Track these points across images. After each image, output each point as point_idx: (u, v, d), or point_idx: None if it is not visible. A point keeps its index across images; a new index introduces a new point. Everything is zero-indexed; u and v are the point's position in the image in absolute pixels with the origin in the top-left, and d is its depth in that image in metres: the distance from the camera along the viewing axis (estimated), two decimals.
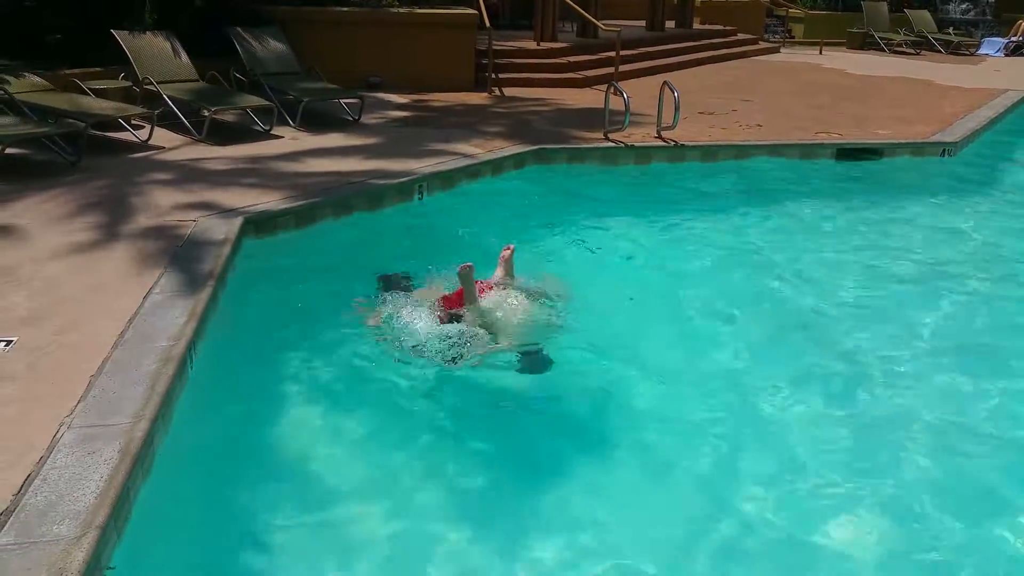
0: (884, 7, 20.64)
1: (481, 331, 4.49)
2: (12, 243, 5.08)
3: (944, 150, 8.98)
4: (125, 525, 2.84)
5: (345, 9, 11.34)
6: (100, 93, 8.25)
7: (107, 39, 8.74)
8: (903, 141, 9.06)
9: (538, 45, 13.04)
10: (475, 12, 11.70)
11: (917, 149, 8.97)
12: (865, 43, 19.86)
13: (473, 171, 7.38)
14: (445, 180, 7.08)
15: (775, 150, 8.68)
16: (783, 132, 9.34)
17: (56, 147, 7.05)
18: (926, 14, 20.78)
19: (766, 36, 20.84)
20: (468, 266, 4.49)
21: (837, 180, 8.35)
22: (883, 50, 19.29)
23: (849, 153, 8.77)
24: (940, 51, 19.24)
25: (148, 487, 3.07)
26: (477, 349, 4.40)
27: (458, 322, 4.48)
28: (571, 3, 13.05)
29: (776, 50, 18.87)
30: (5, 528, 2.63)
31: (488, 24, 11.53)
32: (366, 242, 6.05)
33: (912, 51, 19.25)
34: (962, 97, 12.14)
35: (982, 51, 19.65)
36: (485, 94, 11.23)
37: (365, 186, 6.58)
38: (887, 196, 7.87)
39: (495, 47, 11.68)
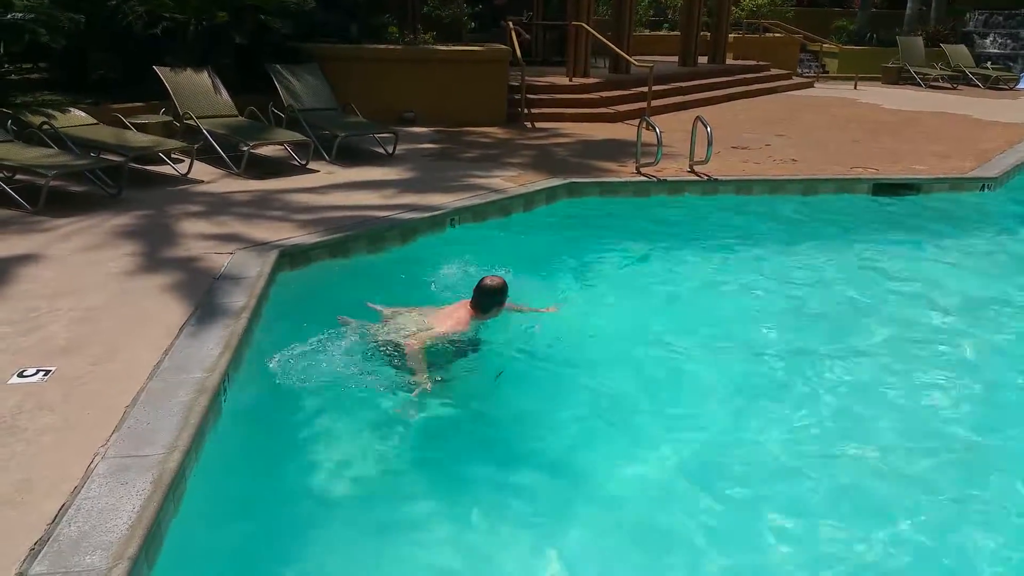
0: (919, 42, 20.53)
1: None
2: (53, 273, 5.18)
3: (984, 185, 8.84)
4: (156, 556, 2.84)
5: (382, 47, 11.56)
6: (141, 127, 8.44)
7: (149, 75, 8.98)
8: (942, 176, 8.94)
9: (570, 81, 13.14)
10: (508, 49, 11.85)
11: (956, 184, 8.84)
12: (900, 78, 19.76)
13: (504, 205, 7.41)
14: (477, 214, 7.12)
15: (810, 185, 8.60)
16: (818, 167, 9.27)
17: (98, 180, 7.21)
18: (963, 48, 20.61)
19: (800, 71, 20.82)
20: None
21: (875, 215, 8.24)
22: (919, 85, 19.16)
23: (887, 188, 8.66)
24: (978, 86, 19.05)
25: (180, 518, 3.07)
26: None
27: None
28: (603, 39, 13.18)
29: (810, 85, 18.83)
30: (39, 558, 2.64)
31: (521, 60, 11.67)
32: (400, 274, 6.07)
33: (948, 86, 19.09)
34: (1001, 132, 11.98)
35: (1021, 86, 19.42)
36: (517, 129, 11.32)
37: (398, 219, 6.64)
38: (927, 231, 7.74)
39: (528, 82, 11.81)
